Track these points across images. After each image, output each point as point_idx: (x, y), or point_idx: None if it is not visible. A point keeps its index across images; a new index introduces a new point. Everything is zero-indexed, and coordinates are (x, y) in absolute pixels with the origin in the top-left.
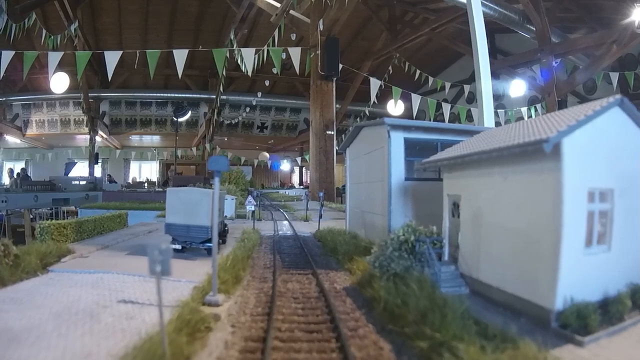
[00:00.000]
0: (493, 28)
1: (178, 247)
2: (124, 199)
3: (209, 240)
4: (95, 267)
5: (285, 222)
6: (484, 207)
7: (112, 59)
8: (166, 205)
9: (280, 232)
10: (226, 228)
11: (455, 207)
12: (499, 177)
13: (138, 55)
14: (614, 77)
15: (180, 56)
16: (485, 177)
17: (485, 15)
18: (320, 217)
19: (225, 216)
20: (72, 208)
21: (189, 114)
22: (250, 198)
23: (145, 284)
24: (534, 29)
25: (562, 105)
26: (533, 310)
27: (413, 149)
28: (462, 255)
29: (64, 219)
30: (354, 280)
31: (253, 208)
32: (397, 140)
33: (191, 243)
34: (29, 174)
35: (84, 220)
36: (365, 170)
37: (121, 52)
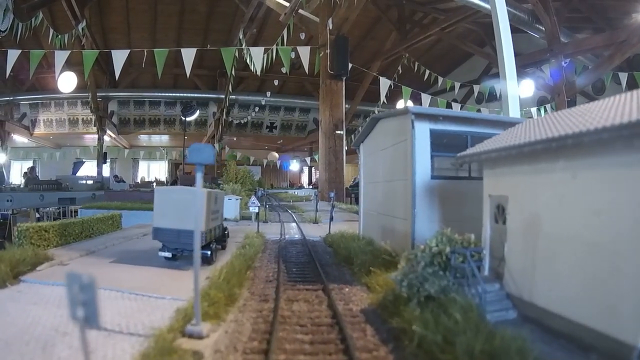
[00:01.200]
0: None
1: (168, 254)
2: (127, 199)
3: (205, 247)
4: None
5: (293, 225)
6: (543, 212)
7: (119, 57)
8: (154, 206)
9: (287, 236)
10: (226, 232)
11: (500, 211)
12: (564, 173)
13: (146, 54)
14: (623, 77)
15: (189, 55)
16: (543, 174)
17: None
18: (331, 219)
19: (225, 218)
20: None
21: (197, 113)
22: (253, 198)
23: (122, 302)
24: (543, 28)
25: (571, 105)
26: (609, 345)
27: (439, 143)
28: (510, 272)
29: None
30: (374, 299)
31: (257, 210)
32: (423, 132)
33: (183, 250)
34: (37, 174)
35: (69, 223)
36: (383, 167)
37: (128, 50)
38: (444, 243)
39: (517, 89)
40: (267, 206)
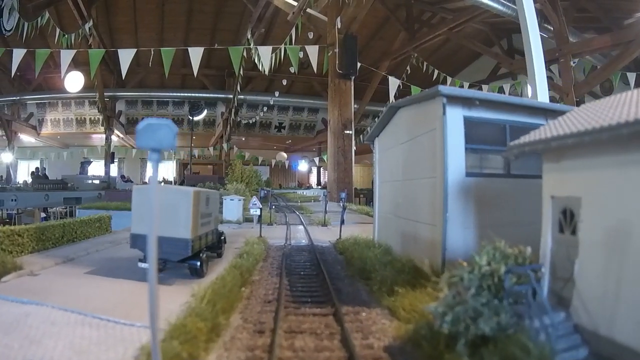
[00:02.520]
0: (510, 28)
1: (147, 266)
2: (128, 199)
3: (193, 257)
4: (38, 290)
5: (300, 228)
6: (635, 219)
7: (126, 56)
8: (132, 209)
9: (292, 241)
10: (222, 237)
11: (567, 218)
12: None
13: (152, 53)
14: (631, 77)
15: (196, 54)
16: (634, 167)
17: (502, 14)
18: (342, 222)
19: (221, 222)
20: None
21: (205, 112)
22: (254, 200)
23: (81, 330)
24: (552, 28)
25: (580, 105)
26: None
27: (473, 134)
28: (581, 298)
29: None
30: (402, 332)
31: (258, 212)
32: (455, 119)
33: (166, 261)
34: (46, 173)
35: (47, 226)
36: (403, 163)
37: (135, 49)
38: (496, 260)
39: (546, 88)
40: (274, 207)
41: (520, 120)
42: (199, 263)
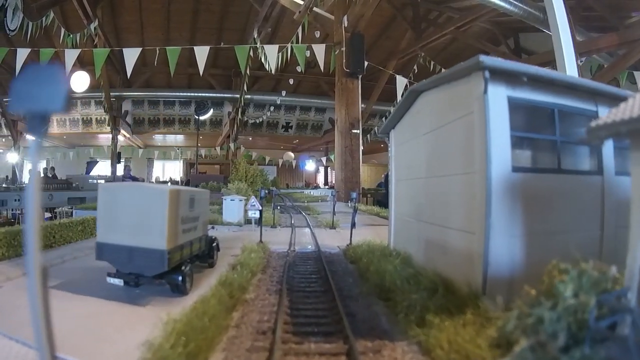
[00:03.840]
0: (517, 27)
1: (118, 282)
2: None
3: (174, 271)
4: None
5: (306, 231)
6: None
7: (131, 55)
8: (97, 212)
9: (297, 248)
10: (214, 244)
11: None
12: None
13: (158, 52)
14: (638, 76)
15: (202, 53)
16: None
17: (509, 12)
18: (353, 225)
19: (212, 227)
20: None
21: (211, 112)
22: (253, 200)
23: None
24: None
25: None
26: None
27: (517, 120)
28: None
29: None
30: None
31: (257, 214)
32: (499, 100)
33: (138, 276)
34: (55, 174)
35: (19, 230)
36: (427, 158)
37: (140, 49)
38: (585, 289)
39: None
40: (278, 207)
41: (569, 104)
42: (180, 278)
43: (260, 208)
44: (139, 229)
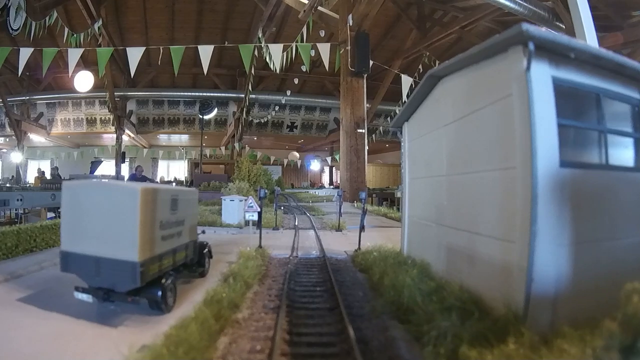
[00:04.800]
0: None
1: (87, 298)
2: None
3: (149, 287)
4: None
5: (311, 233)
6: None
7: (134, 55)
8: (61, 215)
9: (300, 253)
10: (206, 250)
11: None
12: None
13: (162, 51)
14: None
15: (206, 52)
16: None
17: (514, 12)
18: (362, 229)
19: (203, 231)
20: None
21: (215, 111)
22: (251, 201)
23: None
24: (564, 26)
25: None
26: None
27: (562, 105)
28: None
29: None
30: None
31: (255, 216)
32: (543, 81)
33: (109, 292)
34: (59, 173)
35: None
36: (449, 152)
37: (144, 48)
38: None
39: None
40: (282, 208)
41: (613, 89)
42: (159, 293)
43: (259, 210)
44: (107, 236)
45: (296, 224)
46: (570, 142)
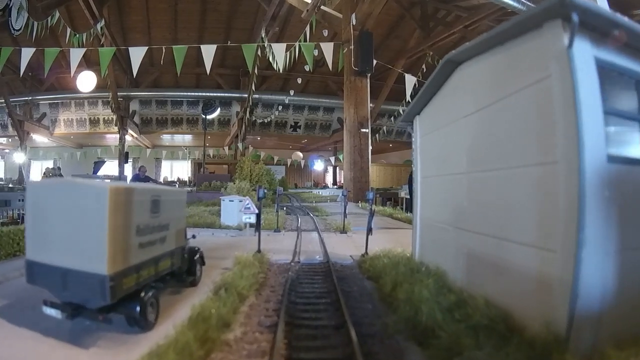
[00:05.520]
0: None
1: (55, 314)
2: None
3: (125, 302)
4: None
5: (314, 235)
6: None
7: (137, 55)
8: (25, 219)
9: (302, 258)
10: (197, 257)
11: None
12: None
13: (164, 50)
14: None
15: (209, 52)
16: None
17: (518, 11)
18: (370, 231)
19: (193, 236)
20: None
21: (218, 111)
22: (248, 202)
23: None
24: None
25: None
26: None
27: (606, 91)
28: None
29: None
30: None
31: (252, 219)
32: (586, 62)
33: (78, 307)
34: (61, 173)
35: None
36: (472, 146)
37: (146, 47)
38: None
39: None
40: (284, 208)
41: None
42: (138, 308)
43: (257, 211)
44: (73, 244)
45: (299, 225)
46: (614, 135)
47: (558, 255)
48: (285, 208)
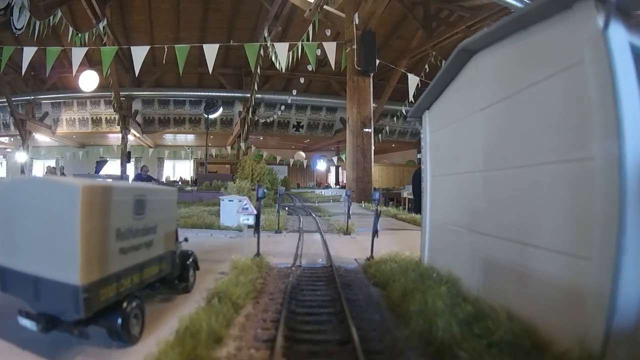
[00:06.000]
0: None
1: (30, 325)
2: None
3: (105, 317)
4: None
5: (317, 236)
6: None
7: (139, 54)
8: None
9: (304, 261)
10: (190, 261)
11: None
12: None
13: (166, 50)
14: None
15: (211, 51)
16: None
17: (518, 10)
18: (376, 234)
19: (185, 239)
20: None
21: (220, 110)
22: (245, 202)
23: None
24: None
25: None
26: None
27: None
28: None
29: None
30: None
31: (250, 220)
32: (621, 47)
33: (53, 319)
34: (64, 172)
35: None
36: (490, 141)
37: (148, 47)
38: None
39: None
40: (286, 209)
41: None
42: (119, 320)
43: (255, 212)
44: (43, 249)
45: (301, 226)
46: None
47: (593, 263)
48: (287, 208)
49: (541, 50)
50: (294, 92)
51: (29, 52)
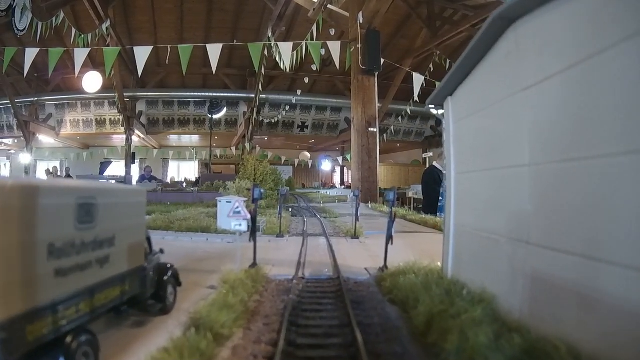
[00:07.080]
0: None
1: None
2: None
3: (44, 351)
4: None
5: (322, 241)
6: None
7: (142, 54)
8: None
9: (307, 272)
10: (168, 277)
11: None
12: None
13: (170, 50)
14: None
15: (215, 51)
16: None
17: None
18: (391, 239)
19: (161, 250)
20: None
21: (224, 110)
22: (237, 204)
23: None
24: None
25: None
26: None
27: None
28: None
29: None
30: None
31: (244, 226)
32: None
33: None
34: (70, 174)
35: None
36: (539, 128)
37: (151, 47)
38: None
39: None
40: (290, 210)
41: None
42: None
43: (248, 217)
44: None
45: (305, 229)
46: None
47: None
48: (291, 209)
49: (609, 8)
50: (299, 92)
51: (31, 53)
